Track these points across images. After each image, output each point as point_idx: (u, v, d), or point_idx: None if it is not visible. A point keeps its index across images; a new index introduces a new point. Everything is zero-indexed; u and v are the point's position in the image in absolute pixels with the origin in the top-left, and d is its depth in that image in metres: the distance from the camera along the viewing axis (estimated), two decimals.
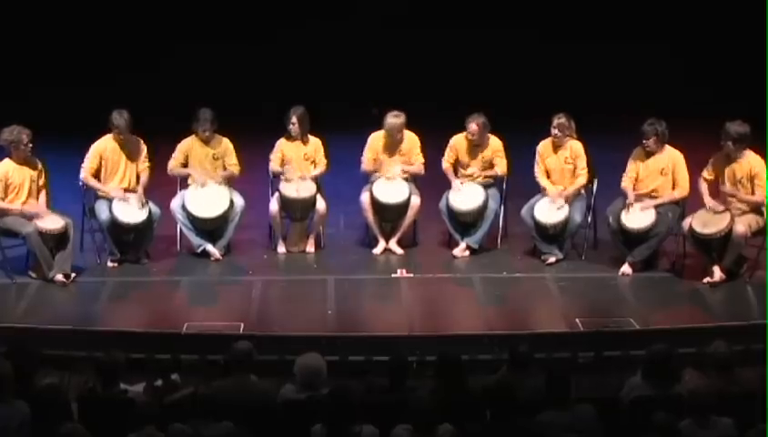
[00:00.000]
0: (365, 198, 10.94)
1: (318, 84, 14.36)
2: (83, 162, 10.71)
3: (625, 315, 9.67)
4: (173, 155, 10.93)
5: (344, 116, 12.62)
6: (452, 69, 15.03)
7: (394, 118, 10.93)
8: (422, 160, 11.05)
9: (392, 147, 11.02)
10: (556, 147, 10.82)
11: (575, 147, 10.79)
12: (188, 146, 10.95)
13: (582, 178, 10.76)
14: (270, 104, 11.92)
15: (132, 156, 10.76)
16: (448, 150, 11.04)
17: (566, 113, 10.77)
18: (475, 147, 10.94)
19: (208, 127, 10.81)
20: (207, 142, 10.92)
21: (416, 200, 10.90)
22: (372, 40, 15.13)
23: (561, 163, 10.80)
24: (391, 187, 10.92)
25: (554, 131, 10.75)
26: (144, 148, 10.83)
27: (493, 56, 15.06)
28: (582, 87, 14.32)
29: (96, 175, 10.71)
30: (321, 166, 11.05)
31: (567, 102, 11.18)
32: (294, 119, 10.93)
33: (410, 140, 11.06)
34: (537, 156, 10.88)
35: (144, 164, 10.81)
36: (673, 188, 10.54)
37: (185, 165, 10.92)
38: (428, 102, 13.32)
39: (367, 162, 11.06)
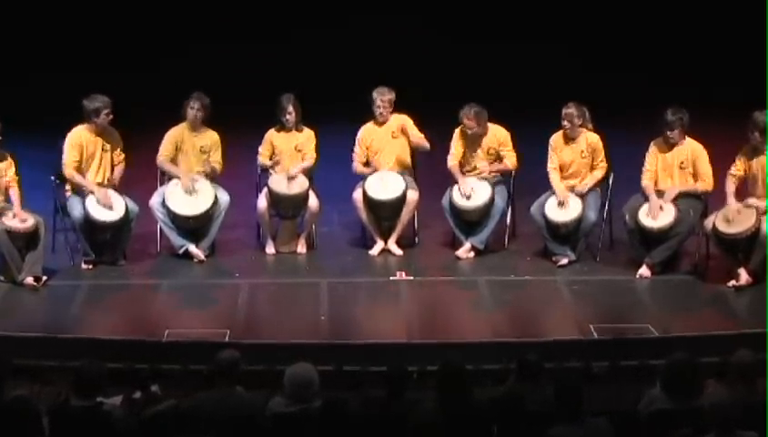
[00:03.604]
0: (358, 195, 10.94)
1: (310, 75, 14.41)
2: (57, 157, 10.70)
3: (643, 321, 9.67)
4: (162, 145, 10.94)
5: (338, 107, 12.63)
6: (453, 59, 15.08)
7: (384, 93, 10.95)
8: (422, 135, 11.04)
9: (383, 132, 11.03)
10: (569, 140, 10.83)
11: (591, 139, 10.79)
12: (178, 134, 10.96)
13: (600, 172, 10.78)
14: (256, 95, 11.93)
15: (108, 147, 10.76)
16: (452, 146, 11.03)
17: (576, 102, 10.77)
18: (476, 138, 10.95)
19: (197, 106, 10.79)
20: (195, 130, 10.91)
21: (413, 195, 10.90)
22: (369, 30, 15.18)
23: (577, 156, 10.80)
24: (385, 182, 10.92)
25: (564, 122, 10.76)
26: (120, 140, 10.84)
27: (498, 44, 15.11)
28: (595, 76, 14.36)
29: (79, 168, 10.70)
30: (310, 159, 11.06)
31: (578, 91, 11.18)
32: (290, 108, 10.96)
33: (400, 121, 11.06)
34: (550, 149, 10.89)
35: (120, 157, 10.82)
36: (695, 181, 10.55)
37: (174, 158, 10.93)
38: (427, 94, 13.35)
39: (358, 158, 11.08)
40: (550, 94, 11.31)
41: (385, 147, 11.08)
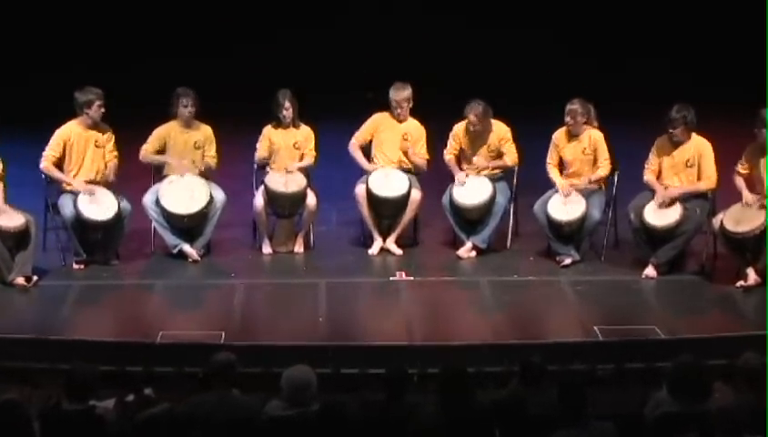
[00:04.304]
0: (360, 190, 10.95)
1: (305, 69, 14.41)
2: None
3: (649, 322, 9.67)
4: (148, 140, 10.94)
5: (336, 103, 12.64)
6: (455, 53, 15.08)
7: (399, 91, 10.96)
8: (427, 156, 11.07)
9: (397, 128, 11.04)
10: (572, 137, 10.83)
11: (595, 136, 10.79)
12: (167, 131, 10.96)
13: (603, 170, 10.77)
14: (252, 92, 11.93)
15: (100, 143, 10.76)
16: (450, 140, 11.07)
17: (581, 99, 10.77)
18: (479, 135, 10.95)
19: (190, 103, 10.79)
20: (187, 126, 10.91)
21: (416, 194, 10.91)
22: (366, 23, 15.20)
23: (579, 154, 10.81)
24: (390, 179, 10.93)
25: (567, 118, 10.76)
26: (112, 136, 10.83)
27: (502, 37, 15.13)
28: (601, 72, 14.37)
29: (59, 165, 10.70)
30: (309, 158, 11.07)
31: (584, 87, 11.18)
32: (287, 104, 10.95)
33: (417, 130, 11.08)
34: (551, 145, 10.89)
35: (112, 153, 10.82)
36: (699, 180, 10.54)
37: (160, 152, 10.93)
38: (428, 89, 13.34)
39: (358, 138, 11.08)
40: (555, 89, 11.32)
41: (390, 140, 11.07)
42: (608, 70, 14.74)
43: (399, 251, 10.99)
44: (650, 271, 10.48)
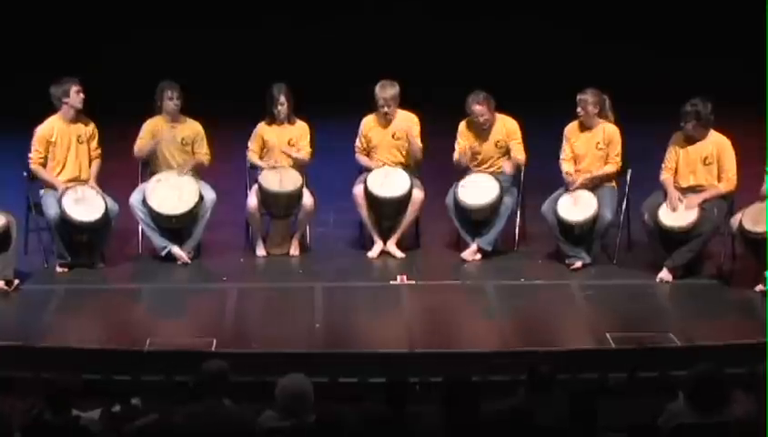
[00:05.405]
0: (358, 190, 10.94)
1: (303, 65, 14.42)
2: (28, 150, 10.71)
3: (664, 329, 9.66)
4: (140, 135, 10.93)
5: (334, 100, 12.65)
6: (456, 45, 15.08)
7: (386, 89, 10.93)
8: (420, 145, 11.03)
9: (385, 130, 11.03)
10: (584, 129, 10.81)
11: (609, 130, 10.78)
12: (155, 125, 10.95)
13: (611, 167, 10.75)
14: (246, 88, 11.93)
15: (84, 138, 10.75)
16: (458, 139, 11.01)
17: (594, 89, 10.75)
18: (484, 129, 10.94)
19: (176, 95, 10.78)
20: (174, 121, 10.90)
21: (418, 194, 10.90)
22: (366, 19, 15.23)
23: (592, 148, 10.79)
24: (390, 178, 10.92)
25: (578, 109, 10.75)
26: (96, 132, 10.83)
27: (506, 31, 15.14)
28: (614, 66, 14.37)
29: (44, 163, 10.71)
30: (305, 154, 11.04)
31: (598, 80, 11.17)
32: (282, 99, 10.94)
33: (405, 124, 11.04)
34: (564, 139, 10.88)
35: (96, 150, 10.81)
36: (719, 180, 10.53)
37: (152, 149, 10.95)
38: (429, 85, 13.37)
39: (359, 149, 11.08)
40: (566, 83, 11.31)
41: (383, 142, 11.06)
42: (622, 64, 14.71)
43: (400, 254, 10.98)
44: (665, 275, 10.47)
